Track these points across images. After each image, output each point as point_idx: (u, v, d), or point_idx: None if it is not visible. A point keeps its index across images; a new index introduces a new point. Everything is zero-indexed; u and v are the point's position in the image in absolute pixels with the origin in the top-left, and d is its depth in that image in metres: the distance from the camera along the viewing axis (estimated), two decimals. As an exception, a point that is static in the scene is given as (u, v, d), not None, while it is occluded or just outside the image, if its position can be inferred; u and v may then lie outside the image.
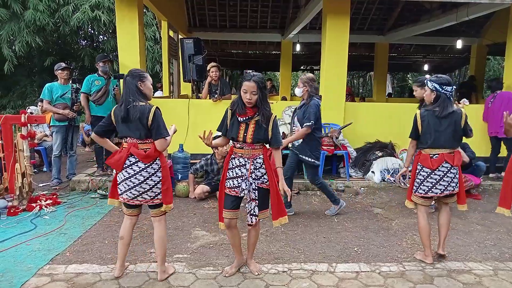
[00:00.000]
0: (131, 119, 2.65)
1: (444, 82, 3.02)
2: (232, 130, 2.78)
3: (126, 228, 2.85)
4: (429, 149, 3.05)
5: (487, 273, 2.99)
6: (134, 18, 5.71)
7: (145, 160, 2.70)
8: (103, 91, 5.43)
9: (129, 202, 2.77)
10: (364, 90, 23.07)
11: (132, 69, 2.82)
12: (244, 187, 2.74)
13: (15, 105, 11.03)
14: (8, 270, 2.93)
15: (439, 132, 3.00)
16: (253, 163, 2.77)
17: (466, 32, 10.31)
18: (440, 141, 3.00)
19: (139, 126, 2.67)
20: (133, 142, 2.71)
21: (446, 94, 3.00)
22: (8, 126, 4.52)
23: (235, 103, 2.77)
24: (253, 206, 2.77)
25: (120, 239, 2.84)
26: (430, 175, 3.03)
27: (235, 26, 10.92)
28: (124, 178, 2.72)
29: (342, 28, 5.88)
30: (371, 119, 6.23)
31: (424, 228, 3.13)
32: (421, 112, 3.09)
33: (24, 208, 4.36)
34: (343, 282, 2.81)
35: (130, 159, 2.70)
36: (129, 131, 2.70)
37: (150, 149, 2.72)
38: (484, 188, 5.55)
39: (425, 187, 3.07)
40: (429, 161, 3.01)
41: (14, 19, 9.61)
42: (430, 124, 3.02)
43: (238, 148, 2.80)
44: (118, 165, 2.71)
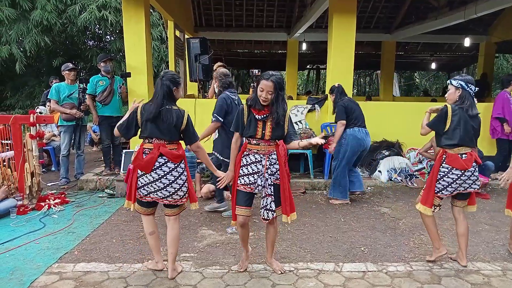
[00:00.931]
0: (164, 121, 2.67)
1: (470, 80, 2.97)
2: (249, 128, 2.76)
3: (151, 223, 2.87)
4: (457, 148, 2.93)
5: (495, 274, 2.96)
6: (140, 18, 5.74)
7: (175, 160, 2.72)
8: (108, 90, 5.47)
9: (159, 201, 2.77)
10: (371, 89, 22.94)
11: (168, 72, 2.80)
12: (260, 183, 2.75)
13: (24, 105, 11.14)
14: (18, 268, 2.97)
15: (467, 131, 2.92)
16: (269, 159, 2.78)
17: (474, 30, 10.21)
18: (467, 139, 2.93)
19: (171, 129, 2.70)
20: (161, 143, 2.70)
21: (471, 92, 2.95)
22: (18, 126, 4.58)
23: (253, 99, 2.75)
24: (269, 202, 2.77)
25: (150, 235, 2.86)
26: (461, 176, 2.92)
27: (241, 26, 10.93)
28: (153, 180, 2.70)
29: (349, 26, 5.85)
30: (378, 118, 6.19)
31: (431, 222, 3.05)
32: (453, 106, 2.95)
33: (33, 207, 4.41)
34: (350, 282, 2.81)
35: (160, 160, 2.70)
36: (159, 132, 2.69)
37: (177, 150, 2.76)
38: (492, 187, 5.49)
39: (452, 188, 2.96)
40: (460, 161, 2.89)
41: (23, 20, 9.71)
42: (461, 121, 2.90)
43: (253, 144, 2.79)
44: (148, 166, 2.68)
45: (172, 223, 2.86)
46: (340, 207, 4.66)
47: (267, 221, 2.82)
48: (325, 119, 6.12)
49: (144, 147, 2.75)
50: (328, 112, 6.08)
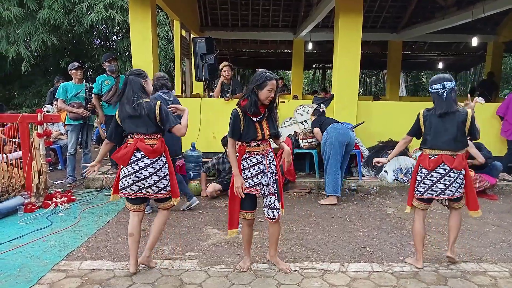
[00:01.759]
0: (139, 115, 2.74)
1: (433, 80, 2.96)
2: (249, 132, 2.76)
3: (134, 225, 2.90)
4: (429, 150, 2.96)
5: (502, 275, 2.93)
6: (147, 18, 5.76)
7: (151, 156, 2.76)
8: (113, 90, 5.49)
9: (131, 196, 2.83)
10: (377, 89, 22.83)
11: (132, 70, 2.92)
12: (264, 183, 2.79)
13: (31, 104, 11.24)
14: (25, 265, 2.99)
15: (439, 133, 2.91)
16: (268, 157, 2.84)
17: (482, 29, 10.13)
18: (439, 142, 2.90)
19: (146, 121, 2.76)
20: (140, 137, 2.78)
21: (437, 92, 2.90)
22: (25, 124, 4.62)
23: (249, 106, 2.71)
24: (273, 200, 2.80)
25: (130, 236, 2.89)
26: (427, 176, 2.94)
27: (247, 25, 10.93)
28: (128, 173, 2.77)
29: (355, 26, 5.83)
30: (384, 118, 6.17)
31: (418, 232, 3.02)
32: (424, 112, 3.02)
33: (40, 205, 4.45)
34: (355, 282, 2.80)
35: (136, 155, 2.76)
36: (136, 127, 2.78)
37: (157, 144, 2.80)
38: (500, 188, 5.44)
39: (421, 189, 2.98)
40: (427, 161, 2.94)
41: (30, 19, 9.80)
42: (432, 124, 2.93)
43: (254, 146, 2.79)
44: (124, 160, 2.76)
45: (160, 213, 2.97)
46: (346, 207, 4.64)
47: (273, 220, 2.82)
48: (331, 119, 6.09)
49: (127, 142, 2.83)
50: (334, 112, 6.06)
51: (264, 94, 2.69)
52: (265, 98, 2.71)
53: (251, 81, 2.78)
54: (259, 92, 2.70)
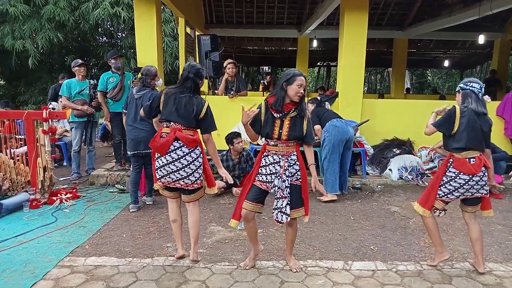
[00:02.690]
0: (184, 107, 2.79)
1: (469, 80, 2.89)
2: (266, 127, 2.73)
3: (175, 211, 3.00)
4: (465, 152, 2.78)
5: (508, 275, 2.91)
6: (151, 15, 5.77)
7: (190, 145, 2.81)
8: (118, 87, 5.50)
9: (170, 185, 2.88)
10: (382, 87, 22.73)
11: (195, 66, 2.90)
12: (277, 184, 2.71)
13: (37, 101, 11.31)
14: (30, 261, 3.02)
15: (476, 132, 2.75)
16: (287, 160, 2.75)
17: (489, 27, 10.03)
18: (476, 142, 2.78)
19: (190, 115, 2.80)
20: (178, 127, 2.81)
21: (474, 90, 2.82)
22: (31, 121, 4.65)
23: (276, 100, 2.68)
24: (284, 204, 2.70)
25: (173, 222, 3.00)
26: (469, 181, 2.77)
27: (252, 23, 10.91)
28: (167, 162, 2.81)
29: (360, 23, 5.79)
30: (388, 116, 6.14)
31: (435, 226, 2.93)
32: (461, 107, 2.81)
33: (45, 201, 4.48)
34: (359, 280, 2.79)
35: (175, 144, 2.80)
36: (178, 116, 2.81)
37: (193, 135, 2.85)
38: (506, 187, 5.40)
39: (458, 193, 2.83)
40: (469, 165, 2.74)
41: (36, 16, 9.84)
42: (470, 122, 2.74)
43: (272, 145, 2.76)
44: (163, 149, 2.79)
45: (191, 208, 2.98)
46: (350, 205, 4.63)
47: (280, 223, 2.75)
48: (336, 117, 6.07)
49: (162, 131, 2.87)
50: (339, 109, 6.04)
51: (294, 89, 2.65)
52: (294, 94, 2.66)
53: (280, 79, 2.76)
54: (288, 87, 2.67)
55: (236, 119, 5.57)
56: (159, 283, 2.71)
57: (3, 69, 11.95)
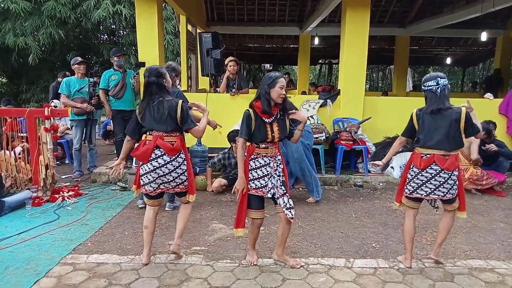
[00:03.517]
0: (160, 114, 2.76)
1: (426, 78, 2.91)
2: (259, 132, 2.77)
3: (150, 218, 2.97)
4: (422, 148, 2.89)
5: (510, 272, 2.91)
6: (153, 13, 5.76)
7: (171, 153, 2.79)
8: (120, 85, 5.51)
9: (152, 193, 2.89)
10: (384, 84, 22.68)
11: (150, 68, 2.87)
12: (271, 185, 2.80)
13: (38, 99, 11.33)
14: (33, 258, 3.03)
15: (432, 131, 2.84)
16: (275, 160, 2.86)
17: (491, 24, 9.97)
18: (433, 141, 2.83)
19: (167, 119, 2.78)
20: (159, 134, 2.80)
21: (431, 89, 2.85)
22: (33, 119, 4.66)
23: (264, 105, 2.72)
24: (287, 200, 2.82)
25: (145, 228, 2.96)
26: (417, 175, 2.88)
27: (253, 20, 10.87)
28: (148, 170, 2.81)
29: (362, 21, 5.77)
30: (390, 113, 6.12)
31: (408, 230, 2.97)
32: (417, 111, 2.97)
33: (48, 199, 4.49)
34: (361, 278, 2.79)
35: (156, 152, 2.79)
36: (156, 124, 2.80)
37: (176, 142, 2.82)
38: (508, 185, 5.39)
39: (410, 187, 2.93)
40: (419, 160, 2.87)
41: (37, 13, 9.84)
42: (424, 122, 2.87)
43: (262, 148, 2.80)
44: (144, 157, 2.79)
45: (184, 207, 3.03)
46: (352, 203, 4.63)
47: (292, 219, 2.84)
48: (337, 114, 6.07)
49: (146, 138, 2.86)
50: (341, 107, 6.03)
51: (276, 91, 2.73)
52: (277, 96, 2.74)
53: (261, 84, 2.80)
54: (271, 91, 2.73)
55: (237, 116, 5.52)
56: (161, 280, 2.71)
57: (5, 67, 11.97)
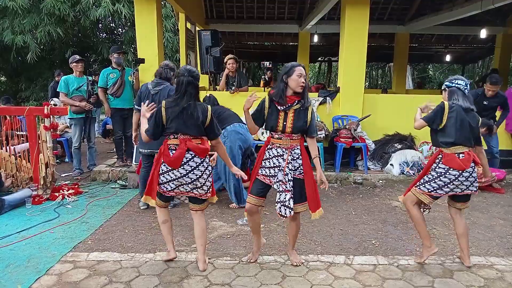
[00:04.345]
0: (191, 117, 2.67)
1: (454, 77, 2.91)
2: (271, 119, 2.73)
3: (165, 213, 2.94)
4: (454, 147, 2.79)
5: (509, 269, 2.92)
6: (152, 11, 5.75)
7: (202, 155, 2.73)
8: (119, 83, 5.50)
9: (183, 194, 2.81)
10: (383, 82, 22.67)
11: (190, 70, 2.75)
12: (280, 178, 2.71)
13: (38, 97, 11.31)
14: (33, 256, 3.04)
15: (464, 128, 2.79)
16: (291, 153, 2.75)
17: (491, 21, 9.95)
18: (464, 138, 2.79)
19: (198, 124, 2.70)
20: (186, 137, 2.70)
21: (459, 87, 2.85)
22: (32, 117, 4.66)
23: (277, 93, 2.70)
24: (287, 198, 2.70)
25: (164, 223, 2.92)
26: (458, 177, 2.77)
27: (252, 18, 10.85)
28: (180, 176, 2.71)
29: (362, 18, 5.77)
30: (390, 111, 6.13)
31: (421, 219, 2.91)
32: (450, 103, 2.83)
33: (48, 197, 4.50)
34: (361, 275, 2.80)
35: (186, 156, 2.70)
36: (186, 127, 2.70)
37: (203, 144, 2.77)
38: (507, 181, 5.40)
39: (447, 189, 2.82)
40: (457, 161, 2.74)
41: (36, 10, 9.81)
42: (458, 118, 2.78)
43: (276, 138, 2.76)
44: (177, 163, 2.68)
45: (199, 217, 2.89)
46: (351, 200, 4.64)
47: (284, 217, 2.75)
48: (337, 112, 6.08)
49: (169, 143, 2.73)
50: (340, 105, 6.03)
51: (295, 79, 2.66)
52: (296, 85, 2.67)
53: (280, 73, 2.76)
54: (289, 79, 2.68)
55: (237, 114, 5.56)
56: (162, 278, 2.72)
57: (3, 65, 11.94)
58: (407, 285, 2.66)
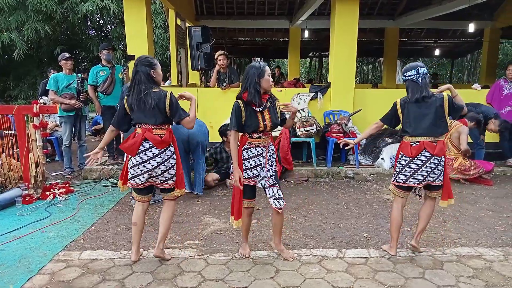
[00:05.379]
0: (148, 106, 2.69)
1: (406, 69, 2.97)
2: (251, 122, 2.77)
3: (138, 214, 2.93)
4: (410, 137, 2.92)
5: (497, 258, 2.98)
6: (141, 7, 5.70)
7: (160, 146, 2.75)
8: (109, 80, 5.46)
9: (139, 186, 2.84)
10: (374, 77, 22.80)
11: (141, 57, 2.81)
12: (263, 175, 2.83)
13: (26, 96, 11.17)
14: (25, 256, 3.01)
15: (419, 119, 2.88)
16: (268, 150, 2.87)
17: (479, 15, 10.06)
18: (420, 128, 2.87)
19: (155, 112, 2.72)
20: (148, 127, 2.75)
21: (412, 78, 2.91)
22: (21, 116, 4.60)
23: (253, 95, 2.72)
24: (276, 191, 2.85)
25: (133, 225, 2.92)
26: (408, 163, 2.90)
27: (243, 13, 10.82)
28: (136, 163, 2.77)
29: (352, 13, 5.79)
30: (380, 105, 6.14)
31: (395, 219, 3.00)
32: (400, 100, 2.99)
33: (38, 196, 4.46)
34: (353, 268, 2.84)
35: (145, 145, 2.75)
36: (144, 117, 2.74)
37: (165, 134, 2.78)
38: (496, 174, 5.49)
39: (403, 176, 2.94)
40: (409, 148, 2.90)
41: (22, 7, 9.66)
42: (410, 111, 2.90)
43: (255, 138, 2.81)
44: (132, 150, 2.75)
45: (167, 205, 2.95)
46: (343, 194, 4.68)
47: (280, 209, 2.85)
48: (328, 107, 6.10)
49: (136, 131, 2.81)
50: (331, 100, 6.06)
51: (267, 80, 2.76)
52: (268, 85, 2.77)
53: (248, 75, 2.75)
54: (261, 80, 2.74)
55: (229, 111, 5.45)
56: (155, 275, 2.73)
57: (-10, 64, 11.76)
58: (398, 277, 2.71)
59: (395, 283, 2.63)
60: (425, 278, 2.69)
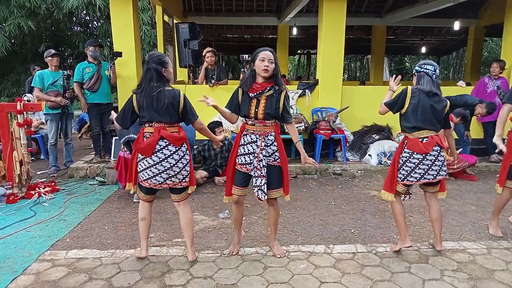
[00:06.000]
0: (161, 104, 2.65)
1: (424, 62, 2.96)
2: (243, 106, 2.78)
3: (146, 210, 2.89)
4: (417, 132, 2.85)
5: (480, 252, 3.05)
6: (128, 3, 5.63)
7: (177, 143, 2.72)
8: (95, 77, 5.38)
9: (157, 187, 2.78)
10: (361, 74, 22.99)
11: (153, 55, 2.74)
12: (255, 164, 2.75)
13: (10, 93, 10.94)
14: (9, 256, 2.96)
15: (427, 112, 2.84)
16: (264, 140, 2.78)
17: (464, 14, 10.21)
18: (427, 121, 2.85)
19: (169, 110, 2.69)
20: (161, 125, 2.70)
21: (427, 72, 2.90)
22: (4, 114, 4.50)
23: (246, 79, 2.75)
24: (262, 182, 2.75)
25: (142, 220, 2.89)
26: (423, 161, 2.83)
27: (231, 10, 10.77)
28: (153, 163, 2.70)
29: (339, 11, 5.82)
30: (368, 102, 6.23)
31: (400, 213, 2.97)
32: (413, 88, 2.90)
33: (23, 195, 4.38)
34: (340, 263, 2.87)
35: (160, 143, 2.70)
36: (158, 115, 2.68)
37: (178, 132, 2.76)
38: (480, 169, 5.60)
39: (417, 175, 2.86)
40: (420, 145, 2.81)
41: (5, 2, 9.44)
42: (420, 103, 2.83)
43: (250, 125, 2.80)
44: (149, 150, 2.68)
45: (183, 209, 2.89)
46: (331, 191, 4.72)
47: (261, 201, 2.80)
48: (316, 104, 6.13)
49: (144, 131, 2.74)
50: (319, 97, 6.09)
51: (257, 65, 2.70)
52: (260, 70, 2.69)
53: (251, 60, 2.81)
54: (254, 65, 2.72)
55: (217, 108, 5.54)
56: (143, 273, 2.71)
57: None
58: (385, 271, 2.74)
59: (382, 278, 2.66)
60: (411, 272, 2.73)
